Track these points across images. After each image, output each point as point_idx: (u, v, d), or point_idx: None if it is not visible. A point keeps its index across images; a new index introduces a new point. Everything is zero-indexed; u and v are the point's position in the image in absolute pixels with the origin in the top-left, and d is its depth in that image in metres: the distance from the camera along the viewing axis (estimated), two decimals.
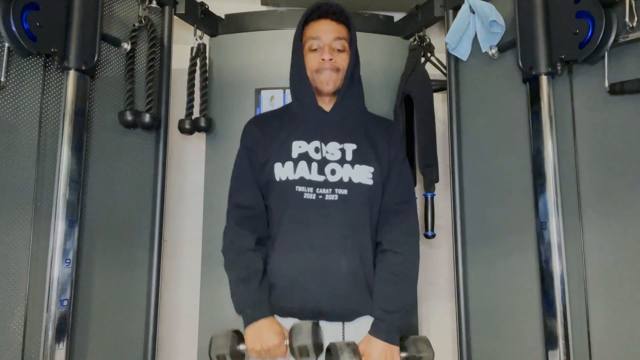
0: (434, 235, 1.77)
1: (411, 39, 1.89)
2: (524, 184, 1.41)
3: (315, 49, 1.26)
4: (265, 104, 1.84)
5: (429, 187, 1.78)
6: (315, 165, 1.22)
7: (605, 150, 1.28)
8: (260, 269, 1.21)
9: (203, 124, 1.81)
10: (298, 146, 1.25)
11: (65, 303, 1.28)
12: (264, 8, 2.12)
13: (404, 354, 1.16)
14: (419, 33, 1.84)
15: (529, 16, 1.38)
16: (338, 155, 1.24)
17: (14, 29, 1.21)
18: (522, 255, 1.41)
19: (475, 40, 1.60)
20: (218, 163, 1.89)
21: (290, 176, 1.22)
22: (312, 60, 1.27)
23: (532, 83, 1.38)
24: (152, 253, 1.59)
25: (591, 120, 1.31)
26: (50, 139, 1.32)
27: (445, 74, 1.78)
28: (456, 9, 1.64)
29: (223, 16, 1.96)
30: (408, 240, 1.25)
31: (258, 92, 1.85)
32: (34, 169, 1.28)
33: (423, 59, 1.83)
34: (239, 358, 1.15)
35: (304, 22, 1.29)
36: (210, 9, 1.88)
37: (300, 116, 1.30)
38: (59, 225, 1.28)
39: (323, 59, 1.24)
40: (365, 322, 1.20)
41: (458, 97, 1.67)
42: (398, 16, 2.00)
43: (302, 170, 1.22)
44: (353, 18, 1.29)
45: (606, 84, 1.26)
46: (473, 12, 1.56)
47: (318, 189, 1.21)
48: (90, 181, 1.41)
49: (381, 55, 1.91)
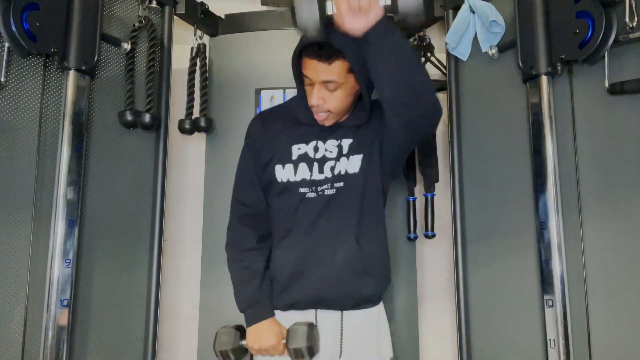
0: (434, 235, 1.77)
1: (411, 39, 1.89)
2: (524, 184, 1.41)
3: (309, 85, 1.19)
4: (265, 104, 1.84)
5: (429, 187, 1.78)
6: (315, 165, 1.23)
7: (605, 150, 1.28)
8: (260, 269, 1.24)
9: (203, 124, 1.81)
10: (297, 148, 1.26)
11: (65, 303, 1.28)
12: (264, 8, 2.12)
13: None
14: (419, 33, 1.84)
15: (529, 16, 1.38)
16: (336, 151, 1.25)
17: (14, 29, 1.21)
18: (522, 255, 1.41)
19: (475, 40, 1.60)
20: (218, 163, 1.88)
21: (292, 178, 1.24)
22: (308, 96, 1.21)
23: (532, 83, 1.38)
24: (152, 253, 1.59)
25: (591, 120, 1.31)
26: (50, 139, 1.32)
27: (445, 74, 1.78)
28: (456, 9, 1.64)
29: (223, 16, 1.96)
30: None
31: (258, 92, 1.85)
32: (34, 169, 1.28)
33: (423, 59, 1.83)
34: (241, 353, 1.20)
35: (297, 54, 1.18)
36: (210, 9, 1.87)
37: (300, 122, 1.28)
38: (59, 225, 1.28)
39: (311, 104, 1.19)
40: (364, 314, 1.23)
41: (458, 97, 1.67)
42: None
43: (303, 172, 1.24)
44: (351, 49, 1.11)
45: (606, 84, 1.26)
46: (473, 12, 1.56)
47: (319, 187, 1.22)
48: (90, 181, 1.41)
49: None
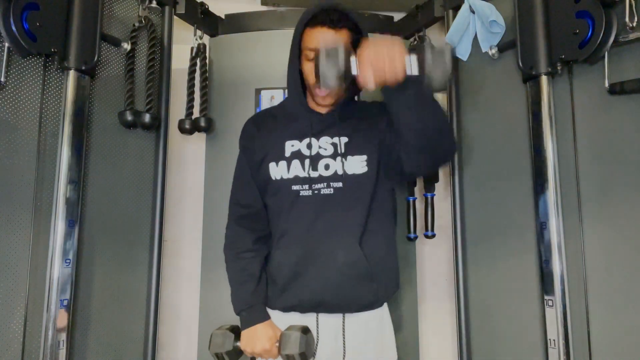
0: (434, 235, 1.77)
1: (411, 39, 1.89)
2: (524, 184, 1.41)
3: (312, 59, 1.19)
4: (265, 104, 1.84)
5: (429, 187, 1.78)
6: (308, 162, 1.22)
7: (605, 150, 1.28)
8: (256, 272, 1.24)
9: (203, 124, 1.81)
10: (291, 145, 1.25)
11: (65, 303, 1.28)
12: (264, 8, 2.12)
13: (415, 55, 0.94)
14: (419, 33, 1.84)
15: (529, 16, 1.38)
16: (331, 149, 1.23)
17: (14, 29, 1.21)
18: (522, 255, 1.41)
19: (475, 40, 1.60)
20: (218, 163, 1.88)
21: (285, 175, 1.23)
22: (309, 73, 1.22)
23: (532, 83, 1.38)
24: (152, 253, 1.59)
25: (591, 120, 1.31)
26: (50, 139, 1.32)
27: None
28: (456, 9, 1.64)
29: (223, 16, 1.96)
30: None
31: (258, 92, 1.85)
32: (34, 169, 1.28)
33: None
34: (236, 355, 1.19)
35: (302, 28, 1.22)
36: (210, 9, 1.88)
37: (294, 115, 1.29)
38: (59, 225, 1.28)
39: None
40: (366, 317, 1.21)
41: (458, 97, 1.67)
42: (398, 16, 2.00)
43: (296, 168, 1.22)
44: (362, 20, 1.20)
45: (606, 84, 1.26)
46: (473, 12, 1.56)
47: (314, 185, 1.21)
48: (90, 181, 1.41)
49: None
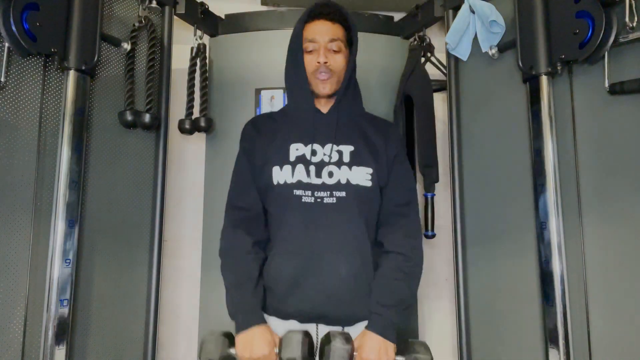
0: (434, 235, 1.77)
1: (411, 39, 1.89)
2: (524, 184, 1.41)
3: (311, 51, 1.25)
4: (265, 104, 1.84)
5: (429, 187, 1.78)
6: (312, 168, 1.20)
7: (605, 150, 1.27)
8: (254, 275, 1.19)
9: (203, 124, 1.81)
10: (295, 149, 1.23)
11: (65, 303, 1.28)
12: (264, 8, 2.12)
13: (401, 358, 1.12)
14: (419, 33, 1.84)
15: (529, 16, 1.38)
16: (335, 157, 1.22)
17: (14, 29, 1.21)
18: (522, 255, 1.41)
19: (475, 40, 1.60)
20: (218, 163, 1.89)
21: (289, 180, 1.20)
22: (309, 63, 1.25)
23: (532, 83, 1.38)
24: (152, 253, 1.59)
25: (591, 120, 1.31)
26: (50, 139, 1.32)
27: (445, 74, 1.78)
28: (456, 9, 1.64)
29: (223, 16, 1.96)
30: (411, 242, 1.22)
31: (258, 92, 1.85)
32: (34, 169, 1.28)
33: (423, 59, 1.83)
34: None
35: (302, 25, 1.27)
36: (210, 9, 1.88)
37: (297, 118, 1.29)
38: (59, 225, 1.28)
39: (318, 62, 1.23)
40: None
41: (458, 97, 1.67)
42: (398, 16, 2.00)
43: (300, 173, 1.20)
44: (352, 17, 1.27)
45: (606, 84, 1.26)
46: (473, 12, 1.56)
47: (316, 192, 1.19)
48: (90, 181, 1.41)
49: (381, 55, 1.91)
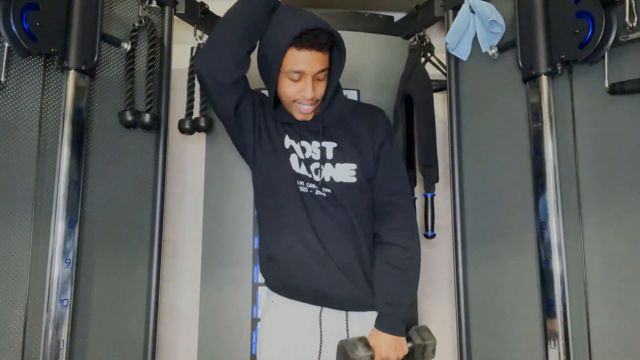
0: (434, 235, 1.77)
1: (411, 39, 1.89)
2: (524, 184, 1.41)
3: (297, 80, 1.16)
4: None
5: (429, 187, 1.78)
6: (302, 164, 1.23)
7: (605, 150, 1.27)
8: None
9: (203, 124, 1.80)
10: (289, 143, 1.25)
11: (65, 303, 1.28)
12: None
13: (409, 344, 1.18)
14: (419, 33, 1.84)
15: (529, 16, 1.38)
16: (318, 154, 1.23)
17: (14, 29, 1.21)
18: (522, 255, 1.41)
19: (475, 40, 1.60)
20: (218, 163, 1.88)
21: (285, 166, 1.23)
22: (290, 89, 1.18)
23: (532, 83, 1.38)
24: (152, 253, 1.59)
25: (591, 120, 1.31)
26: (50, 139, 1.32)
27: (445, 74, 1.78)
28: (456, 9, 1.64)
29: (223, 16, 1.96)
30: (404, 232, 1.23)
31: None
32: (34, 169, 1.28)
33: (423, 59, 1.83)
34: None
35: (285, 50, 1.12)
36: (210, 9, 1.88)
37: (284, 118, 1.27)
38: (59, 225, 1.28)
39: (305, 97, 1.16)
40: (369, 317, 1.21)
41: (458, 97, 1.67)
42: (398, 16, 2.00)
43: (294, 164, 1.23)
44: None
45: (606, 84, 1.26)
46: (473, 12, 1.56)
47: (308, 184, 1.22)
48: (90, 181, 1.41)
49: (381, 55, 1.91)
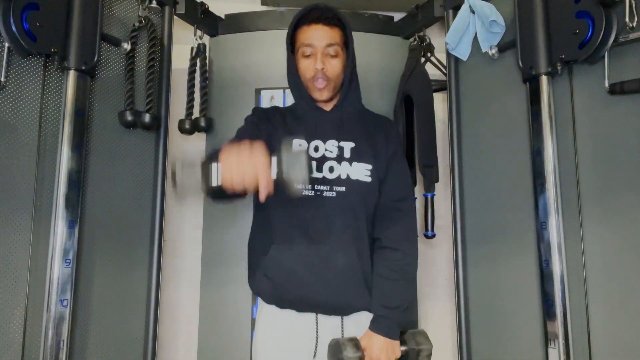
0: (434, 235, 1.77)
1: (411, 39, 1.89)
2: (524, 184, 1.41)
3: (309, 55, 1.25)
4: (265, 104, 1.84)
5: (429, 187, 1.78)
6: (314, 164, 1.23)
7: (605, 150, 1.27)
8: None
9: (203, 124, 1.81)
10: (298, 144, 1.26)
11: (65, 303, 1.28)
12: (264, 8, 2.12)
13: (403, 348, 1.18)
14: (419, 33, 1.84)
15: (529, 16, 1.38)
16: (336, 152, 1.25)
17: (14, 29, 1.21)
18: (522, 255, 1.41)
19: (475, 40, 1.60)
20: None
21: None
22: (306, 69, 1.26)
23: (532, 83, 1.38)
24: (152, 253, 1.59)
25: (591, 120, 1.31)
26: (50, 139, 1.32)
27: (445, 74, 1.78)
28: (456, 9, 1.64)
29: (223, 16, 1.96)
30: (407, 237, 1.25)
31: (258, 92, 1.85)
32: (34, 169, 1.28)
33: (423, 59, 1.83)
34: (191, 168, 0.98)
35: (295, 25, 1.26)
36: (210, 9, 1.87)
37: (301, 115, 1.31)
38: (59, 225, 1.28)
39: (316, 68, 1.23)
40: (364, 317, 1.22)
41: (458, 97, 1.67)
42: (398, 16, 2.00)
43: None
44: (349, 18, 1.27)
45: (606, 84, 1.26)
46: (473, 12, 1.56)
47: (317, 186, 1.22)
48: (90, 181, 1.41)
49: (381, 55, 1.91)
